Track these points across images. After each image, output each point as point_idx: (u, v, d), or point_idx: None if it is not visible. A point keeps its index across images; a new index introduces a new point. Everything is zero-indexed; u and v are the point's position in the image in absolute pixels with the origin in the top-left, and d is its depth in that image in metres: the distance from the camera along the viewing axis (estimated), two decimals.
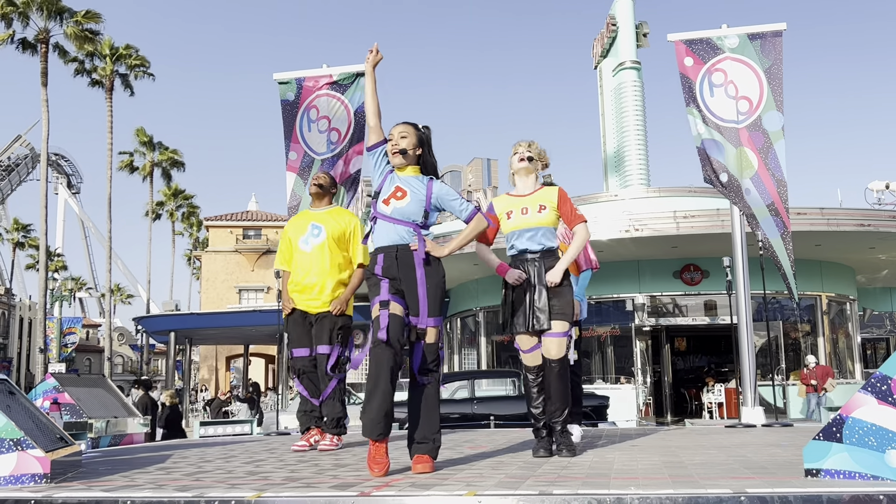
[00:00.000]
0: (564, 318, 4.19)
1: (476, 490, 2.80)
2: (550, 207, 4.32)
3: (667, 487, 2.75)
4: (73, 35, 30.25)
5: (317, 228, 5.20)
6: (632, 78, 22.37)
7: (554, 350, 4.19)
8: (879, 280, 22.63)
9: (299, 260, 5.21)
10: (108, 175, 34.41)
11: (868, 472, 2.80)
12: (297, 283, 5.18)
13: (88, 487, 3.17)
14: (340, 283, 5.17)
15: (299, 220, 5.37)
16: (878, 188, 18.46)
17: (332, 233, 5.17)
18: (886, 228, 16.16)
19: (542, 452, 4.16)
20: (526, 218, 4.31)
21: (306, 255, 5.17)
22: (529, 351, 4.27)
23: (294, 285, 5.20)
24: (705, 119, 7.56)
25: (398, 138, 3.83)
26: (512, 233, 4.34)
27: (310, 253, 5.16)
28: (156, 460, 4.52)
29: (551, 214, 4.31)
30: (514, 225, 4.33)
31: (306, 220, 5.29)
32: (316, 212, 5.35)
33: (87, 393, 7.37)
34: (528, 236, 4.29)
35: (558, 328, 4.18)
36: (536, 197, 4.37)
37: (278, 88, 8.38)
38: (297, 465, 4.06)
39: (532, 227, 4.29)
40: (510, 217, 4.35)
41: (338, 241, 5.18)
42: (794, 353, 19.40)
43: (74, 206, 71.52)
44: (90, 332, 61.54)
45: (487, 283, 20.53)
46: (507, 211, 4.38)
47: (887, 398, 2.81)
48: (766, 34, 7.63)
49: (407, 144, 3.82)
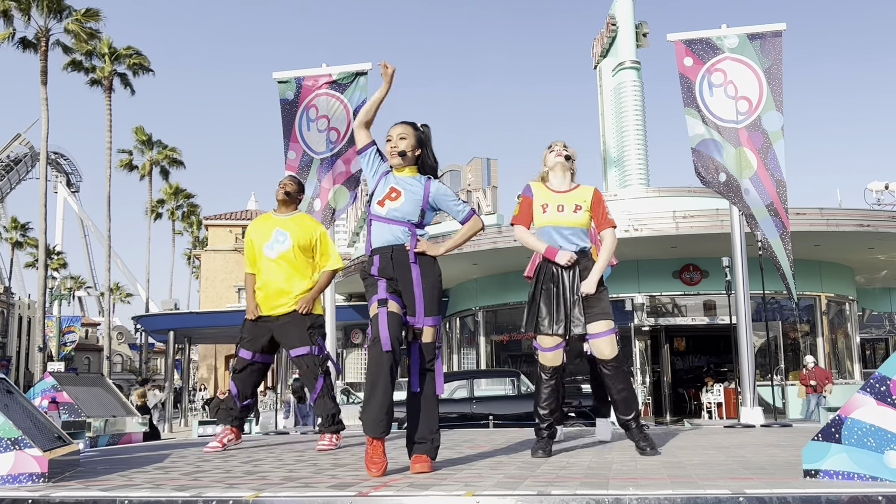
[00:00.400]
0: (607, 318, 4.16)
1: (474, 490, 2.80)
2: (585, 208, 4.28)
3: (665, 488, 2.75)
4: (74, 33, 30.28)
5: (282, 235, 5.20)
6: (631, 78, 22.37)
7: (607, 349, 4.15)
8: (879, 280, 22.64)
9: (265, 266, 5.21)
10: (108, 174, 34.42)
11: (867, 472, 2.80)
12: (263, 290, 5.18)
13: (86, 487, 3.16)
14: (304, 290, 5.18)
15: (262, 224, 5.33)
16: (877, 188, 18.46)
17: (298, 240, 5.20)
18: (886, 229, 16.16)
19: (540, 453, 4.11)
20: (562, 216, 4.25)
21: (271, 261, 5.18)
22: (551, 350, 4.20)
23: (260, 290, 5.20)
24: (704, 119, 7.55)
25: (397, 139, 3.79)
26: (543, 227, 4.28)
27: (275, 259, 5.17)
28: (154, 460, 4.51)
29: (585, 215, 4.28)
30: (548, 220, 4.26)
31: (271, 226, 5.27)
32: (281, 217, 5.32)
33: (85, 392, 7.36)
34: (562, 235, 4.24)
35: (604, 327, 4.15)
36: (573, 195, 4.30)
37: (278, 87, 8.38)
38: (295, 464, 4.06)
39: (567, 226, 4.25)
40: (545, 211, 4.27)
41: (303, 248, 5.21)
42: (793, 353, 19.41)
43: (74, 204, 71.52)
44: (89, 330, 61.53)
45: (486, 283, 20.52)
46: (542, 203, 4.30)
47: (886, 399, 2.81)
48: (765, 34, 7.63)
49: (406, 146, 3.78)
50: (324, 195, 8.01)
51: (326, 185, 8.04)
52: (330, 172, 8.04)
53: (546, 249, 4.24)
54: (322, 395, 5.17)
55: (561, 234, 4.25)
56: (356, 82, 8.17)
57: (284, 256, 5.16)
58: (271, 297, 5.15)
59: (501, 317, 20.86)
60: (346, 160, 8.06)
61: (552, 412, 4.21)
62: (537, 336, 4.24)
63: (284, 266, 5.16)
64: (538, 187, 4.38)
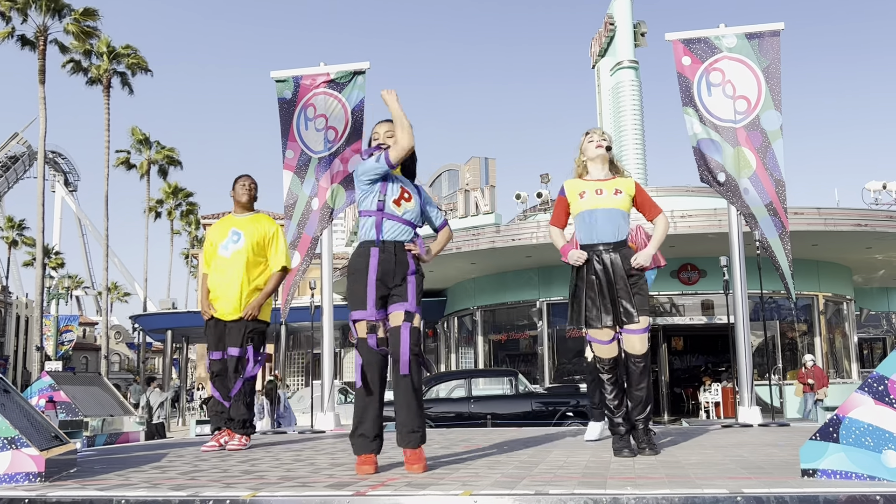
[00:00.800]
0: (646, 313, 4.17)
1: (472, 489, 2.79)
2: (627, 193, 4.26)
3: (663, 487, 2.75)
4: (72, 32, 30.26)
5: (237, 234, 5.35)
6: (629, 77, 22.37)
7: (639, 346, 4.15)
8: (876, 280, 22.65)
9: (218, 265, 5.34)
10: (106, 173, 34.38)
11: (865, 472, 2.80)
12: (216, 288, 5.29)
13: (83, 486, 3.15)
14: (256, 289, 5.31)
15: (222, 225, 5.48)
16: (875, 188, 18.44)
17: (252, 238, 5.32)
18: (883, 228, 16.17)
19: (626, 452, 4.02)
20: (601, 198, 4.22)
21: (225, 260, 5.31)
22: (608, 342, 4.17)
23: (213, 290, 5.32)
24: (702, 118, 7.55)
25: (385, 137, 3.81)
26: (583, 213, 4.24)
27: (229, 259, 5.30)
28: (151, 459, 4.50)
29: (626, 200, 4.24)
30: (587, 204, 4.22)
31: (227, 226, 5.42)
32: (238, 218, 5.48)
33: (82, 391, 7.36)
34: (602, 218, 4.19)
35: (643, 323, 4.16)
36: (613, 182, 4.29)
37: (275, 87, 8.36)
38: (292, 464, 4.05)
39: (607, 207, 4.20)
40: (583, 196, 4.25)
41: (257, 247, 5.33)
42: (790, 352, 19.42)
43: (71, 203, 71.40)
44: (87, 330, 61.46)
45: (485, 282, 20.53)
46: (580, 192, 4.27)
47: (884, 398, 2.81)
48: (763, 34, 7.63)
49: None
50: (321, 194, 8.00)
51: (324, 185, 8.02)
52: (328, 171, 8.03)
53: (561, 249, 4.29)
54: (238, 399, 5.24)
55: (600, 218, 4.19)
56: (354, 81, 8.15)
57: (238, 255, 5.28)
58: (222, 296, 5.25)
59: (499, 316, 20.86)
60: (344, 159, 8.05)
61: (621, 403, 4.16)
62: (588, 331, 4.21)
63: (237, 265, 5.27)
64: (572, 183, 4.38)
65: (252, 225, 5.40)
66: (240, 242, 5.30)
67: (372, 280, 3.62)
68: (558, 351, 19.33)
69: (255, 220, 5.45)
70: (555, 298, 19.04)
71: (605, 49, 23.35)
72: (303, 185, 8.09)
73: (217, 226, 5.50)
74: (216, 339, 5.29)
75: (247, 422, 5.30)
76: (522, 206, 19.80)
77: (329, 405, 8.00)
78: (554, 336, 19.28)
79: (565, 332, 19.16)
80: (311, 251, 8.03)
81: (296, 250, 8.02)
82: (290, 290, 7.96)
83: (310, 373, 23.61)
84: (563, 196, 4.36)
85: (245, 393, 5.25)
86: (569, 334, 5.44)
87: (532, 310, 19.63)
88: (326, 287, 8.28)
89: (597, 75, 24.21)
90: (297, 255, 8.01)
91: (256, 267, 5.33)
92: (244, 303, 5.23)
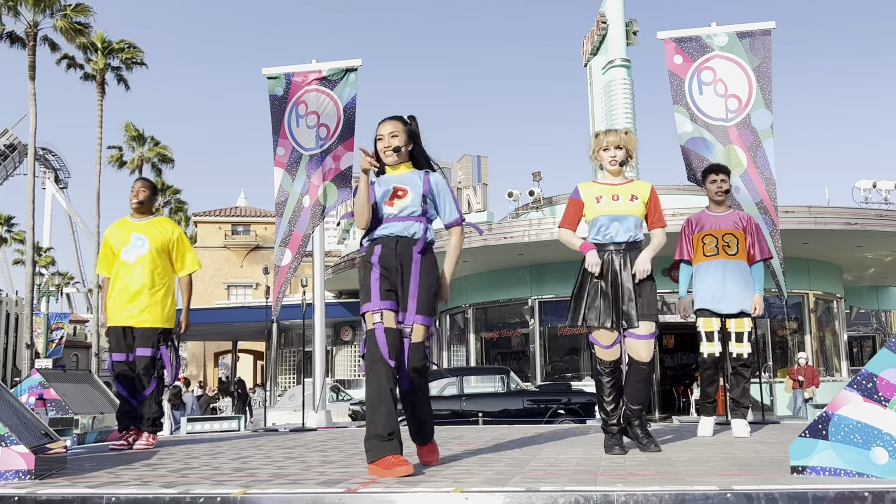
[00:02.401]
0: (652, 319, 4.14)
1: (463, 487, 2.80)
2: (642, 200, 4.26)
3: (654, 484, 2.76)
4: (62, 29, 30.07)
5: (140, 239, 5.38)
6: (621, 76, 22.38)
7: (644, 352, 4.15)
8: (866, 278, 22.76)
9: (121, 271, 5.37)
10: (97, 170, 34.19)
11: (853, 469, 2.81)
12: (121, 294, 5.34)
13: (73, 484, 3.14)
14: (162, 293, 5.40)
15: (120, 228, 5.49)
16: (865, 187, 18.48)
17: (155, 243, 5.39)
18: (873, 227, 16.24)
19: (617, 450, 4.05)
20: (617, 204, 4.22)
21: (128, 266, 5.34)
22: (610, 346, 4.16)
23: (117, 295, 5.36)
24: (693, 117, 7.57)
25: (389, 138, 3.72)
26: (598, 218, 4.25)
27: (132, 264, 5.34)
28: (142, 457, 4.49)
29: (641, 206, 4.25)
30: (602, 210, 4.24)
31: (128, 230, 5.44)
32: (138, 222, 5.50)
33: (73, 389, 7.33)
34: (617, 223, 4.21)
35: (647, 329, 4.13)
36: (628, 187, 4.29)
37: (267, 83, 8.34)
38: (284, 461, 4.05)
39: (623, 213, 4.21)
40: (599, 202, 4.25)
41: (160, 251, 5.40)
42: (781, 350, 19.50)
43: (62, 200, 71.03)
44: (77, 327, 61.17)
45: (476, 280, 20.53)
46: (596, 196, 4.27)
47: (873, 395, 2.83)
48: (754, 32, 7.65)
49: (399, 142, 3.72)
50: (313, 192, 7.99)
51: (316, 182, 8.01)
52: (319, 169, 8.01)
53: (581, 246, 4.24)
54: (150, 397, 5.35)
55: (615, 224, 4.22)
56: (346, 78, 8.14)
57: (142, 260, 5.34)
58: (129, 302, 5.30)
59: (491, 314, 20.87)
60: (336, 157, 8.04)
61: (617, 406, 4.19)
62: (592, 332, 4.20)
63: (142, 269, 5.33)
64: (587, 186, 4.37)
65: (155, 229, 5.47)
66: (144, 247, 5.36)
67: (375, 275, 3.58)
68: (550, 349, 19.35)
69: (156, 224, 5.51)
70: (546, 296, 19.05)
71: (597, 47, 23.37)
72: (294, 182, 8.08)
73: (116, 229, 5.51)
74: (118, 341, 5.34)
75: (156, 420, 5.42)
76: (515, 204, 19.79)
77: (320, 403, 8.00)
78: (546, 334, 19.30)
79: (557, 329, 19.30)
80: (303, 249, 8.01)
81: (287, 248, 8.00)
82: (282, 287, 7.95)
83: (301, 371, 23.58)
84: (577, 199, 4.33)
85: (158, 392, 5.40)
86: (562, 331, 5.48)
87: (524, 308, 19.65)
88: (318, 285, 8.27)
89: (589, 74, 24.23)
90: (287, 253, 8.00)
91: (161, 271, 5.41)
92: (150, 306, 5.31)
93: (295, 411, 15.20)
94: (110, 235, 5.49)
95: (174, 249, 5.49)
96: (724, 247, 5.27)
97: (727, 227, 5.32)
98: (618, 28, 22.53)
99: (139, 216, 5.54)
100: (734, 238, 5.28)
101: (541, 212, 18.64)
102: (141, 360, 5.29)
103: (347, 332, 26.30)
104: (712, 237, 5.32)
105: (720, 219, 5.38)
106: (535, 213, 18.75)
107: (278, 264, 7.93)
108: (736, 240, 5.27)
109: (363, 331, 3.58)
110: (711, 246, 5.31)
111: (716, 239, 5.30)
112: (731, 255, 5.26)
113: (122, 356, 5.34)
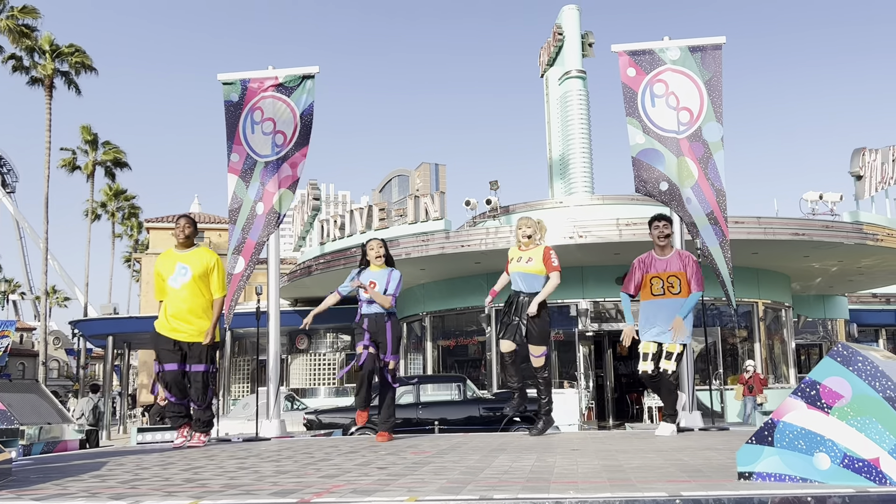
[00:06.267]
0: (542, 343, 6.31)
1: (417, 496, 2.80)
2: (537, 259, 6.27)
3: (605, 491, 2.80)
4: (7, 29, 29.37)
5: (184, 268, 6.33)
6: (577, 87, 22.65)
7: (535, 363, 6.42)
8: (813, 288, 23.32)
9: (171, 295, 6.30)
10: (46, 174, 33.43)
11: (797, 474, 2.89)
12: (172, 315, 6.26)
13: (18, 496, 3.07)
14: (204, 312, 6.32)
15: (167, 259, 6.43)
16: (812, 199, 18.94)
17: (197, 271, 6.32)
18: (820, 238, 16.66)
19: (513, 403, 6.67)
20: (522, 265, 6.33)
21: (176, 291, 6.29)
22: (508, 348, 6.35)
23: (171, 316, 6.27)
24: (646, 129, 7.70)
25: (378, 249, 6.43)
26: (514, 273, 6.38)
27: (178, 290, 6.28)
28: (90, 468, 4.40)
29: (538, 265, 6.27)
30: (515, 268, 6.37)
31: (173, 261, 6.39)
32: (181, 253, 6.44)
33: (18, 398, 7.15)
34: (522, 278, 6.31)
35: (537, 351, 6.34)
36: (530, 252, 6.35)
37: (223, 89, 8.27)
38: (236, 472, 4.00)
39: (526, 272, 6.30)
40: (512, 263, 6.41)
41: (201, 277, 6.33)
42: (731, 358, 19.86)
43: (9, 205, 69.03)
44: (24, 335, 59.59)
45: (433, 289, 20.55)
46: (514, 258, 6.41)
47: (816, 402, 2.90)
48: (706, 47, 7.82)
49: (384, 252, 6.45)
50: (268, 199, 7.93)
51: (271, 189, 7.95)
52: (276, 176, 7.96)
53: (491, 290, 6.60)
54: (210, 405, 6.38)
55: (521, 278, 6.32)
56: (303, 85, 8.11)
57: (187, 286, 6.27)
58: (178, 320, 6.24)
59: (448, 322, 20.90)
60: (293, 164, 7.99)
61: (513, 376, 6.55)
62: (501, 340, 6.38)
63: (186, 294, 6.26)
64: (513, 250, 6.51)
65: (196, 258, 6.37)
66: (187, 275, 6.28)
67: (367, 336, 6.22)
68: None
69: (198, 255, 6.41)
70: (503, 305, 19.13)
71: (553, 59, 23.61)
72: (248, 189, 8.01)
73: (164, 260, 6.41)
74: (169, 354, 6.23)
75: (209, 422, 6.43)
76: (472, 212, 19.87)
77: (274, 412, 7.92)
78: None
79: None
80: (256, 256, 7.95)
81: (240, 255, 7.92)
82: (234, 294, 7.86)
83: (255, 379, 23.29)
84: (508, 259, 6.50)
85: (212, 399, 6.44)
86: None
87: (481, 315, 19.71)
88: (273, 292, 8.19)
89: (545, 84, 24.46)
90: (241, 261, 7.92)
91: (203, 293, 6.34)
92: (197, 325, 6.24)
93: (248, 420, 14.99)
94: (159, 265, 6.41)
95: (212, 273, 6.38)
96: (669, 287, 6.21)
97: (672, 270, 6.25)
98: (574, 40, 22.80)
99: (182, 248, 6.43)
100: (677, 279, 6.20)
101: (497, 220, 18.74)
102: (197, 374, 6.23)
103: (303, 341, 26.09)
104: (659, 279, 6.26)
105: (666, 261, 6.32)
106: (492, 221, 18.84)
107: (231, 272, 7.84)
108: (679, 280, 6.20)
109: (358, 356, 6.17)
110: (658, 287, 6.25)
111: (662, 281, 6.25)
112: (675, 294, 6.20)
113: (174, 366, 6.23)
